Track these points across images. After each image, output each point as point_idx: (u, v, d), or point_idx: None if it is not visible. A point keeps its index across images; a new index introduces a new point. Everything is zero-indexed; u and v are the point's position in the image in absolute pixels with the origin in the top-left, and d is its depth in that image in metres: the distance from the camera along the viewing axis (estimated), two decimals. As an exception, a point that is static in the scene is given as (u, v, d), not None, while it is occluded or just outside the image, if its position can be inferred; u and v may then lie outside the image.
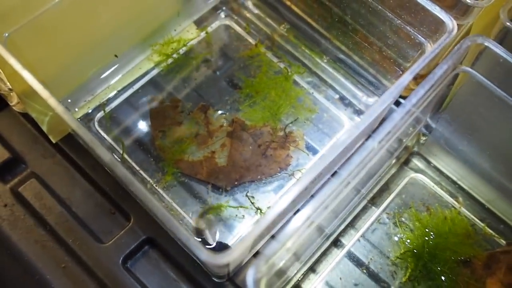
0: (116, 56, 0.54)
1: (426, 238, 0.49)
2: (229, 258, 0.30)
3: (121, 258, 0.48)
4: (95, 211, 0.50)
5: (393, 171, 0.53)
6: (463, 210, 0.52)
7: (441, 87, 0.44)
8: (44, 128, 0.50)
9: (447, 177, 0.54)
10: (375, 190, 0.52)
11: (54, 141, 0.52)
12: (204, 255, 0.30)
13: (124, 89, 0.55)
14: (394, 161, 0.53)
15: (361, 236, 0.50)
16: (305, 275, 0.48)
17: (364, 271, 0.49)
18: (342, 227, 0.50)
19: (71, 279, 0.47)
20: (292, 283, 0.47)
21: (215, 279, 0.47)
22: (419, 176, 0.54)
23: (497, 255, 0.50)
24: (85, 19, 0.49)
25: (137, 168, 0.51)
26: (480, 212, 0.52)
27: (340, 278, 0.48)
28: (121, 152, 0.52)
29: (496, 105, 0.45)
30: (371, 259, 0.49)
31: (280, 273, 0.42)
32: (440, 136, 0.52)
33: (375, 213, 0.51)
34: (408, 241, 0.49)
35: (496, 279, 0.49)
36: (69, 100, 0.53)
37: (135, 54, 0.56)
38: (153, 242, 0.49)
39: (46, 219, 0.49)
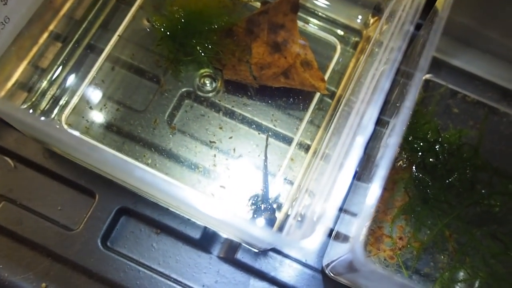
0: None
1: (178, 16, 0.47)
2: None
3: None
4: None
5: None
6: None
7: None
8: None
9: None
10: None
11: None
12: None
13: None
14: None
15: (118, 36, 0.48)
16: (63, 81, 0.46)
17: (123, 67, 0.47)
18: (94, 31, 0.47)
19: None
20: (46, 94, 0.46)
21: None
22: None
23: (256, 18, 0.50)
24: None
25: None
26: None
27: (103, 81, 0.47)
28: None
29: None
30: (133, 55, 0.48)
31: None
32: None
33: (129, 11, 0.49)
34: (162, 25, 0.48)
35: (261, 41, 0.50)
36: None
37: None
38: None
39: None
